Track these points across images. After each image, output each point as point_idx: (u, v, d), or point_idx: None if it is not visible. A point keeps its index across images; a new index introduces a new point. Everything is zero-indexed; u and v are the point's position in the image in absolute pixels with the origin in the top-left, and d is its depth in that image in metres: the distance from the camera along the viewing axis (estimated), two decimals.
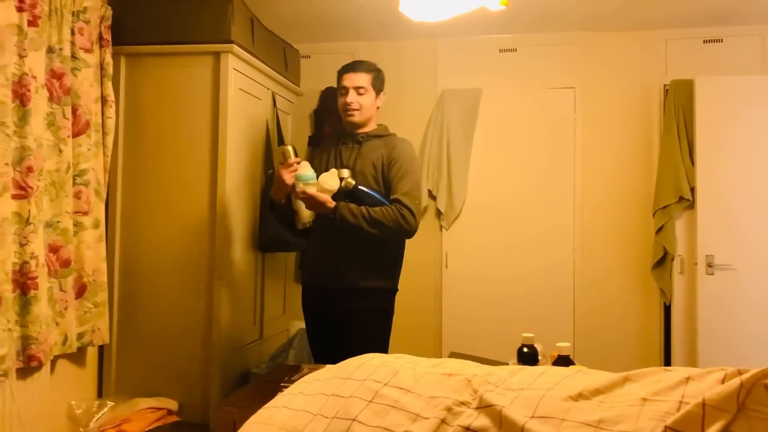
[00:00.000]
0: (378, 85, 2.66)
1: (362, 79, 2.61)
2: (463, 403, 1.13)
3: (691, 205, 3.77)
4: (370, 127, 2.67)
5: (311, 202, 2.46)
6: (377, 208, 2.48)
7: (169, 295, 2.96)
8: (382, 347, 2.61)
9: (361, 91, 2.60)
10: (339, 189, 2.49)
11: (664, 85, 3.95)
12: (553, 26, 3.98)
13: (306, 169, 2.50)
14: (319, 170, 2.55)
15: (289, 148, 2.53)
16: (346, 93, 2.60)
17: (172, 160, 2.99)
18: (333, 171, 2.50)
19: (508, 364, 1.93)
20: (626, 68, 4.04)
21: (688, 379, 1.05)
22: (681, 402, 0.98)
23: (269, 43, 3.39)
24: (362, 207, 2.48)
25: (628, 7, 3.65)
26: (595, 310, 4.00)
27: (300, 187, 2.46)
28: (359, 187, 2.52)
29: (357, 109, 2.60)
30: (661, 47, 3.99)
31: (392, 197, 2.53)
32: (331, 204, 2.45)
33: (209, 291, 2.92)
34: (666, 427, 0.94)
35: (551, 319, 3.97)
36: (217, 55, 2.95)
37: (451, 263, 4.16)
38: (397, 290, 2.73)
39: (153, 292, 2.98)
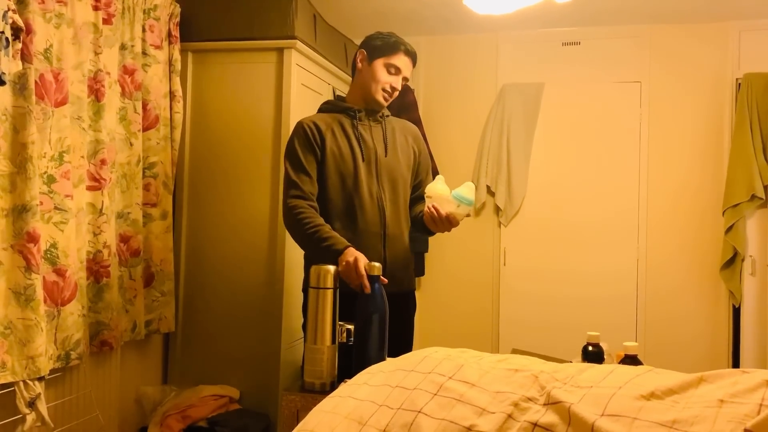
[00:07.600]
0: None
1: (411, 71, 2.37)
2: (530, 399, 1.12)
3: (764, 203, 3.62)
4: None
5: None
6: None
7: (233, 286, 3.03)
8: None
9: (404, 81, 2.35)
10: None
11: (737, 79, 3.79)
12: (619, 19, 3.87)
13: (469, 191, 2.09)
14: (337, 153, 2.25)
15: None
16: (397, 75, 2.31)
17: (237, 154, 3.06)
18: (469, 184, 2.15)
19: (571, 362, 1.89)
20: (696, 61, 3.89)
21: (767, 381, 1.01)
22: (761, 405, 0.95)
23: (330, 39, 3.42)
24: None
25: None
26: (660, 310, 3.89)
27: (454, 208, 2.08)
28: None
29: (393, 98, 2.36)
30: (734, 39, 3.83)
31: None
32: None
33: (272, 282, 2.97)
34: (745, 430, 0.91)
35: (613, 318, 3.88)
36: (280, 51, 2.99)
37: (510, 260, 4.11)
38: None
39: (217, 282, 3.05)
